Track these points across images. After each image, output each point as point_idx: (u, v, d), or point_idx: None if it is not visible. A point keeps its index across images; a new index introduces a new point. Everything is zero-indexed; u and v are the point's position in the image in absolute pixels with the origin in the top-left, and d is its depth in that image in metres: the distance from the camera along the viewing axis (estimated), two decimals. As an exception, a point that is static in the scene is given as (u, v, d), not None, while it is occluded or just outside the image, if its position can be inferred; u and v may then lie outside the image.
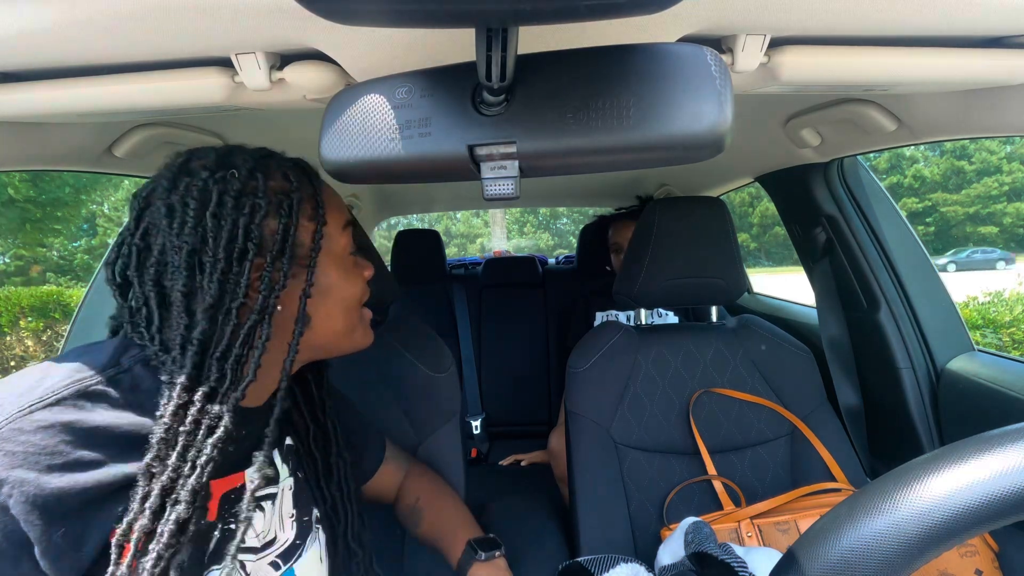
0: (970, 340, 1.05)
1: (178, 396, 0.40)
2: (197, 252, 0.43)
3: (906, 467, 0.27)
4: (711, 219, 0.97)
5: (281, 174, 0.48)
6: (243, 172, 0.45)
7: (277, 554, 0.52)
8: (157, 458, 0.39)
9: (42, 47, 0.47)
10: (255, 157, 0.47)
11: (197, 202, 0.43)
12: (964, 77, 0.59)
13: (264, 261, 0.45)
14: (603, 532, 0.88)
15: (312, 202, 0.50)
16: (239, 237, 0.44)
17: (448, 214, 14.80)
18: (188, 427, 0.40)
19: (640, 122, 0.33)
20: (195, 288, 0.43)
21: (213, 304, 0.42)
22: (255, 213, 0.45)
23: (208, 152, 0.47)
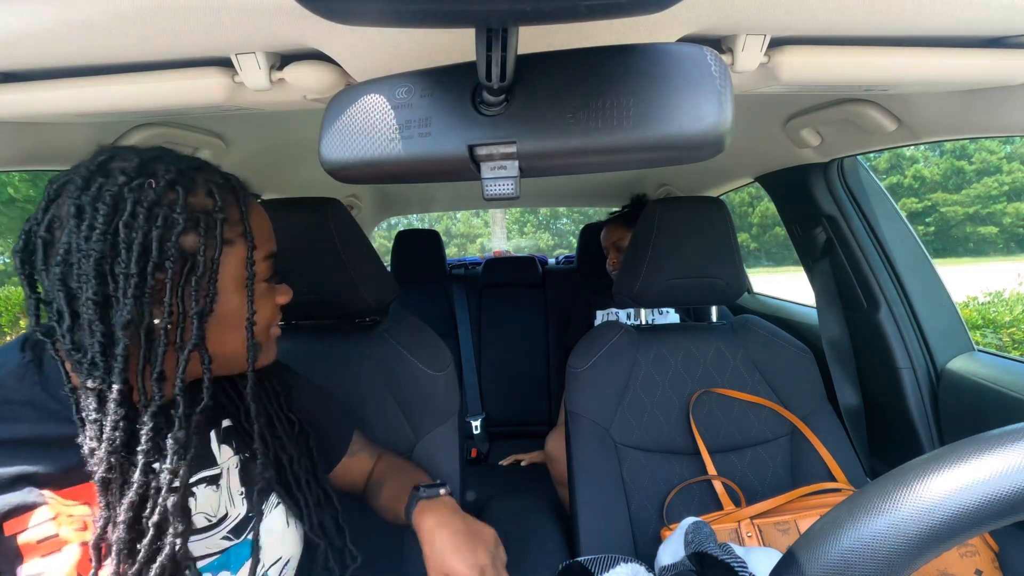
0: (970, 340, 1.05)
1: (114, 412, 0.41)
2: (108, 260, 0.42)
3: (906, 467, 0.27)
4: (711, 219, 0.97)
5: (207, 191, 0.47)
6: (162, 182, 0.44)
7: (228, 529, 0.54)
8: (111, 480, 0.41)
9: (42, 47, 0.47)
10: (179, 168, 0.46)
11: (108, 208, 0.42)
12: (964, 77, 0.59)
13: (179, 280, 0.44)
14: (603, 532, 0.88)
15: (239, 227, 0.49)
16: (153, 251, 0.42)
17: (448, 214, 14.80)
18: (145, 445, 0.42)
19: (640, 122, 0.33)
20: (108, 297, 0.42)
21: (132, 321, 0.42)
22: (171, 228, 0.43)
23: (132, 155, 0.45)
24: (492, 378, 1.96)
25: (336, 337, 0.92)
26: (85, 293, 0.41)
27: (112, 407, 0.41)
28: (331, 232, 0.84)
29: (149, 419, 0.43)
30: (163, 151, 0.47)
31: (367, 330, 0.92)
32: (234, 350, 0.51)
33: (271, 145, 1.09)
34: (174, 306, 0.44)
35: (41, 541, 0.41)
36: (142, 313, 0.43)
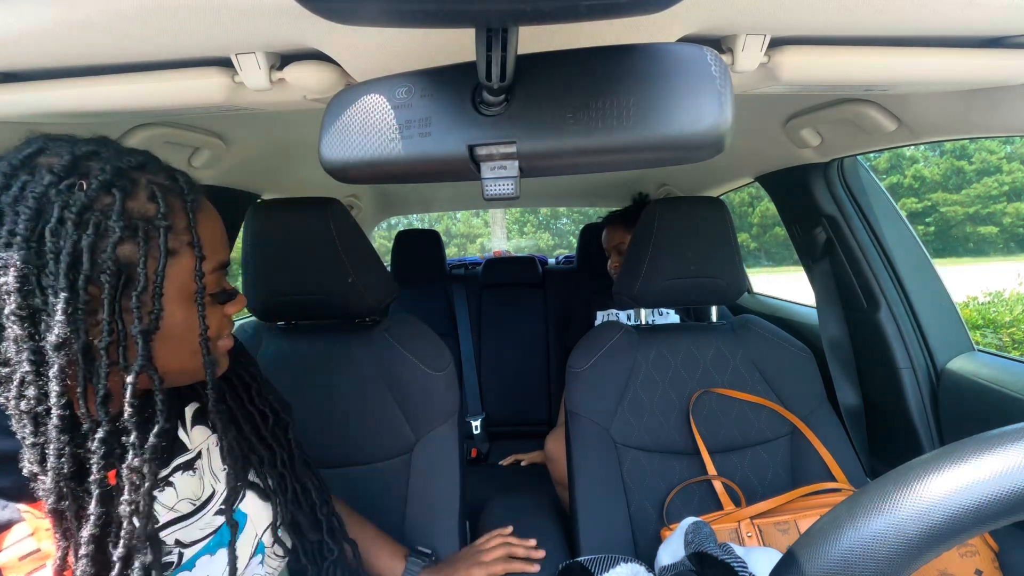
0: (970, 340, 1.05)
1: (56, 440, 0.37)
2: (33, 271, 0.37)
3: (906, 467, 0.27)
4: (711, 219, 0.97)
5: (149, 194, 0.42)
6: (94, 184, 0.39)
7: (220, 503, 0.53)
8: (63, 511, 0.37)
9: (42, 47, 0.47)
10: (117, 167, 0.41)
11: (32, 212, 0.37)
12: (964, 77, 0.59)
13: (116, 295, 0.40)
14: (603, 532, 0.88)
15: (185, 235, 0.44)
16: (84, 263, 0.38)
17: (448, 214, 14.80)
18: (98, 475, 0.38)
19: (640, 122, 0.33)
20: (35, 312, 0.38)
21: (65, 340, 0.37)
22: (104, 237, 0.39)
23: (63, 149, 0.40)
24: (492, 378, 1.95)
25: (336, 337, 0.92)
26: (8, 307, 0.37)
27: (53, 434, 0.37)
28: (331, 232, 0.84)
29: (98, 446, 0.38)
30: (102, 144, 0.42)
31: (367, 330, 0.92)
32: (183, 365, 0.46)
33: (271, 145, 1.09)
34: (113, 324, 0.39)
35: (23, 558, 0.38)
36: (76, 331, 0.38)
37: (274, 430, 0.60)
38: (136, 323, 0.40)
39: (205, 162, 0.99)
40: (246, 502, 0.56)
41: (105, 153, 0.42)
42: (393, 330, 0.91)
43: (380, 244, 6.60)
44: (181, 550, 0.49)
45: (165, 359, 0.44)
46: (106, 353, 0.39)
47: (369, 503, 0.86)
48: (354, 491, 0.86)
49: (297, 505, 0.60)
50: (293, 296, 0.87)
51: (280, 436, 0.61)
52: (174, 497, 0.49)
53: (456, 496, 0.86)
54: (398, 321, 0.93)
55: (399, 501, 0.86)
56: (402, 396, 0.88)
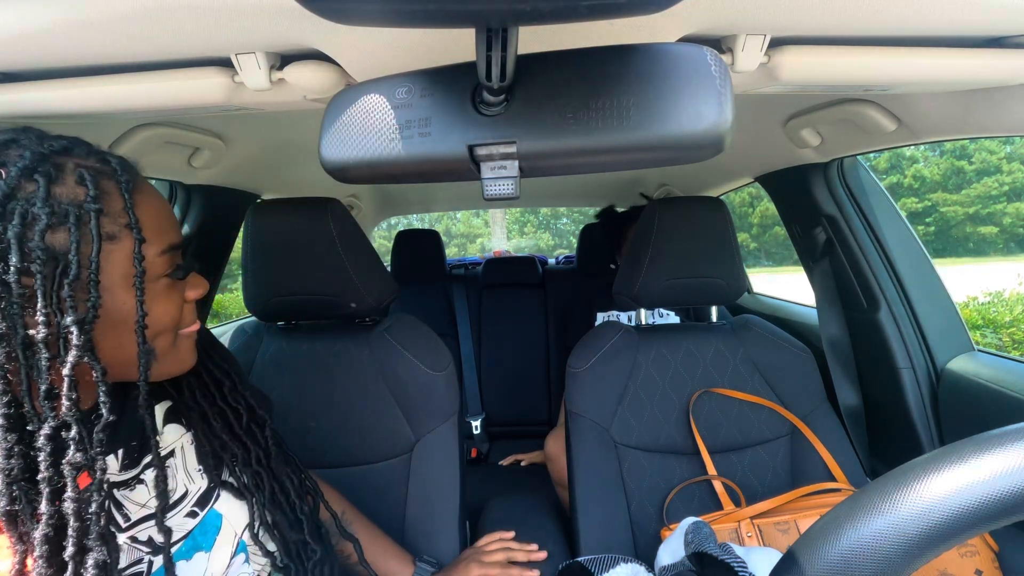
0: (970, 340, 1.05)
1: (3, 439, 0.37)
2: None
3: (906, 467, 0.27)
4: (711, 219, 0.97)
5: (76, 178, 0.40)
6: (13, 171, 0.38)
7: (191, 505, 0.52)
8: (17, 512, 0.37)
9: (42, 47, 0.47)
10: (39, 152, 0.39)
11: None
12: (964, 77, 0.59)
13: (52, 285, 0.38)
14: (603, 532, 0.88)
15: (123, 218, 0.42)
16: (12, 253, 0.37)
17: (448, 214, 14.80)
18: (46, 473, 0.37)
19: (640, 122, 0.33)
20: None
21: (4, 335, 0.37)
22: (32, 225, 0.37)
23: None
24: (492, 378, 1.96)
25: (336, 337, 0.92)
26: None
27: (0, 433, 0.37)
28: (331, 232, 0.84)
29: (45, 443, 0.37)
30: (21, 132, 0.41)
31: (367, 330, 0.92)
32: (132, 358, 0.44)
33: (271, 145, 1.09)
34: (50, 315, 0.38)
35: None
36: (14, 325, 0.37)
37: (249, 427, 0.58)
38: (71, 312, 0.39)
39: (205, 162, 0.99)
40: (220, 502, 0.54)
41: (24, 140, 0.40)
42: (393, 330, 0.91)
43: (380, 244, 6.61)
44: (151, 558, 0.47)
45: (114, 350, 0.43)
46: (45, 346, 0.38)
47: (369, 503, 0.86)
48: (354, 491, 0.86)
49: (275, 504, 0.58)
50: (293, 296, 0.87)
51: (256, 433, 0.59)
52: (146, 494, 0.49)
53: (456, 496, 0.86)
54: (398, 321, 0.94)
55: (399, 501, 0.86)
56: (402, 396, 0.88)
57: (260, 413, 0.60)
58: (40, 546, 0.37)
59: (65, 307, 0.39)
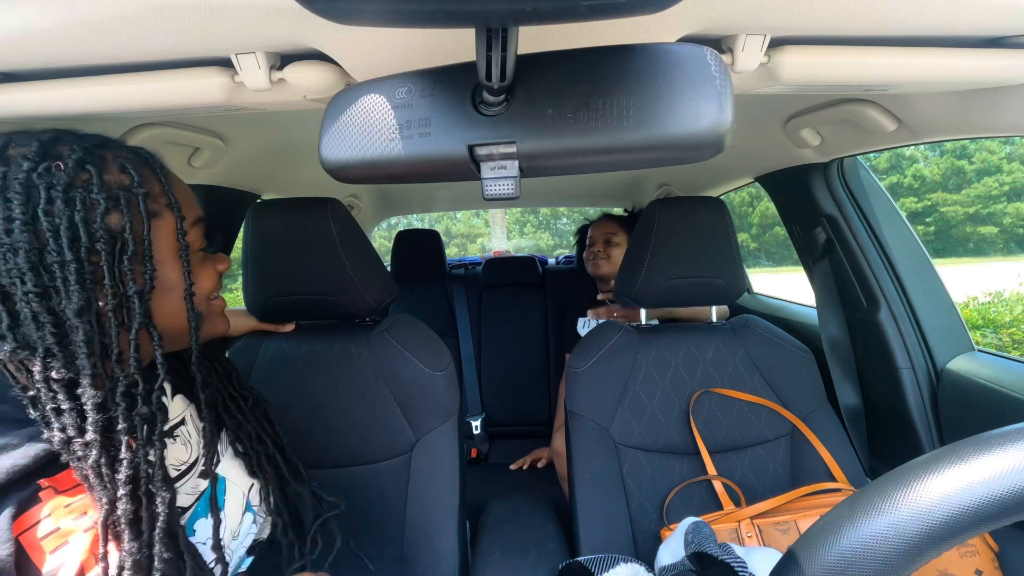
0: (970, 340, 1.05)
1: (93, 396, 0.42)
2: (36, 251, 0.41)
3: (906, 467, 0.27)
4: (711, 219, 0.97)
5: (118, 166, 0.46)
6: (70, 164, 0.42)
7: (201, 468, 0.57)
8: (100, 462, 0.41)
9: (43, 47, 0.47)
10: (84, 147, 0.45)
11: (22, 196, 0.41)
12: (964, 77, 0.59)
13: (115, 260, 0.44)
14: (603, 532, 0.88)
15: (164, 198, 0.48)
16: (82, 235, 0.42)
17: (448, 214, 14.80)
18: (124, 423, 0.43)
19: (640, 122, 0.33)
20: (47, 289, 0.41)
21: (84, 307, 0.42)
22: (92, 209, 0.43)
23: (30, 139, 0.43)
24: (492, 378, 1.95)
25: (336, 337, 0.92)
26: (23, 287, 0.41)
27: (90, 392, 0.42)
28: (331, 232, 0.84)
29: (121, 398, 0.43)
30: (61, 132, 0.46)
31: (367, 330, 0.92)
32: (182, 323, 0.51)
33: (271, 145, 1.09)
34: (115, 287, 0.44)
35: (44, 537, 0.40)
36: (89, 299, 0.42)
37: (251, 413, 0.64)
38: (132, 284, 0.45)
39: (205, 162, 0.99)
40: (223, 465, 0.59)
41: (66, 138, 0.45)
42: (393, 330, 0.91)
43: (380, 244, 6.60)
44: None
45: (166, 318, 0.49)
46: (113, 315, 0.44)
47: (369, 503, 0.86)
48: (354, 491, 0.86)
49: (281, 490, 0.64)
50: (293, 296, 0.87)
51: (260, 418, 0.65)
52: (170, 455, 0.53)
53: (456, 496, 0.86)
54: (398, 321, 0.93)
55: (399, 501, 0.86)
56: (402, 396, 0.88)
57: (262, 402, 0.66)
58: (124, 486, 0.42)
59: (127, 280, 0.44)
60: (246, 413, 0.63)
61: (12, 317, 0.41)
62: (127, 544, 0.41)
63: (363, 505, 0.86)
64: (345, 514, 0.85)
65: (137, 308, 0.45)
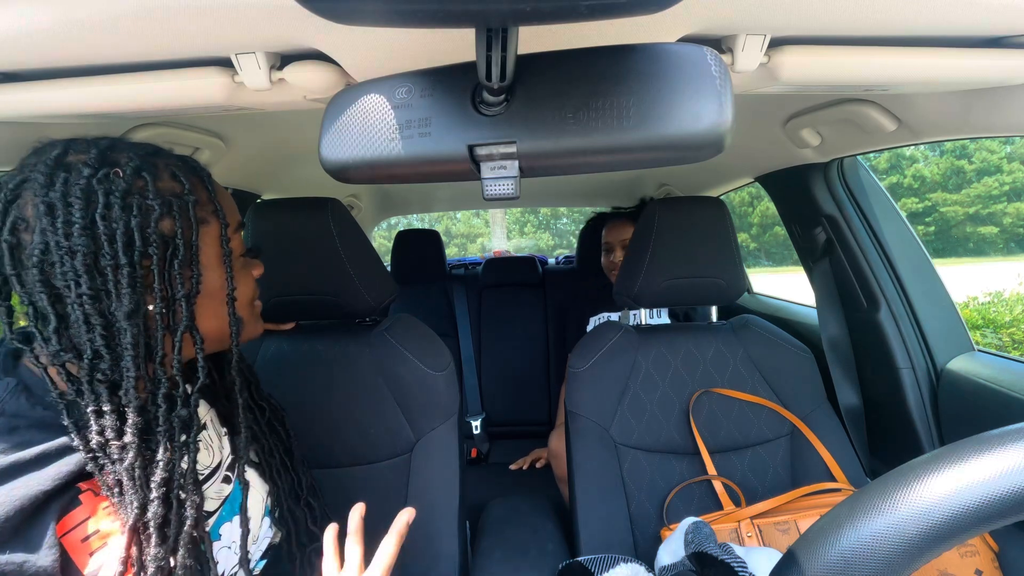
0: (970, 340, 1.05)
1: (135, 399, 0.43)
2: (91, 255, 0.42)
3: (906, 467, 0.27)
4: (711, 219, 0.97)
5: (170, 174, 0.48)
6: (128, 171, 0.44)
7: (225, 469, 0.58)
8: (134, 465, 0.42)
9: (42, 47, 0.47)
10: (140, 155, 0.46)
11: (82, 201, 0.42)
12: (964, 77, 0.59)
13: (165, 264, 0.45)
14: (603, 532, 0.88)
15: (210, 206, 0.50)
16: (137, 240, 0.43)
17: (448, 214, 14.81)
18: (164, 425, 0.44)
19: (640, 122, 0.33)
20: (98, 292, 0.42)
21: (135, 309, 0.43)
22: (148, 215, 0.44)
23: (87, 146, 0.45)
24: (492, 378, 1.95)
25: (336, 337, 0.92)
26: (77, 290, 0.41)
27: (132, 394, 0.42)
28: (331, 232, 0.84)
29: (162, 400, 0.44)
30: (116, 140, 0.47)
31: (367, 330, 0.92)
32: (223, 326, 0.52)
33: (271, 145, 1.09)
34: (164, 291, 0.45)
35: (85, 540, 0.41)
36: (138, 302, 0.44)
37: (271, 423, 0.65)
38: (180, 288, 0.46)
39: (205, 162, 0.98)
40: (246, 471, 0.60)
41: (120, 146, 0.46)
42: (393, 330, 0.91)
43: (380, 244, 6.61)
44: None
45: (208, 322, 0.50)
46: (160, 318, 0.45)
47: (369, 503, 0.86)
48: (354, 491, 0.86)
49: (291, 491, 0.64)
50: (293, 296, 0.87)
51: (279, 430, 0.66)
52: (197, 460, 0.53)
53: (456, 496, 0.86)
54: (398, 321, 0.93)
55: (399, 501, 0.86)
56: (402, 396, 0.88)
57: (279, 411, 0.67)
58: (158, 488, 0.42)
59: (176, 284, 0.46)
60: (262, 425, 0.64)
61: (61, 319, 0.42)
62: (153, 549, 0.42)
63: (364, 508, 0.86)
64: (345, 514, 0.85)
65: (184, 311, 0.46)
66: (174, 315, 0.46)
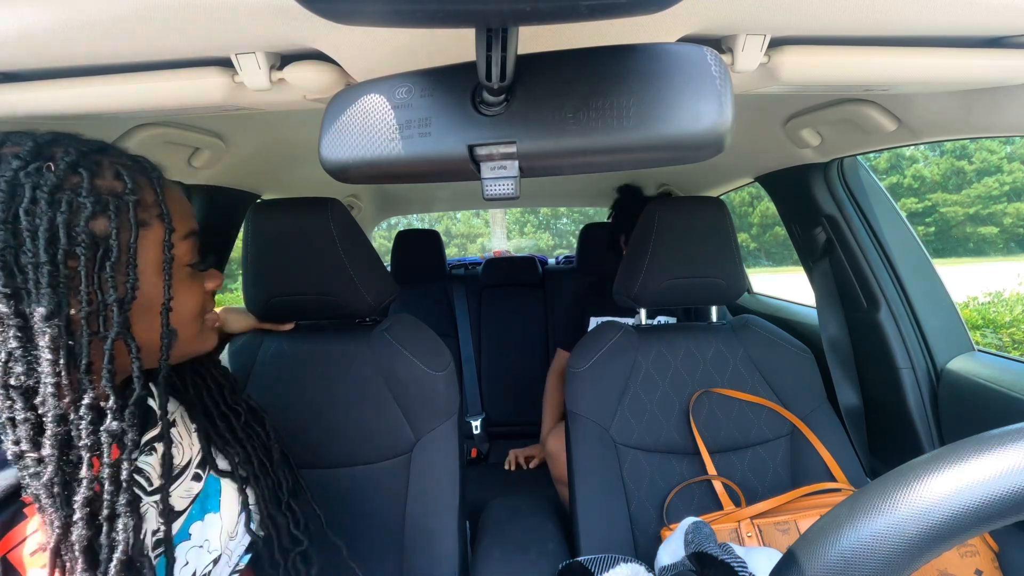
0: (970, 340, 1.05)
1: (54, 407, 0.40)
2: (11, 251, 0.40)
3: (906, 467, 0.27)
4: (711, 219, 0.97)
5: (114, 172, 0.45)
6: (61, 166, 0.42)
7: (195, 467, 0.56)
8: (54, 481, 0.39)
9: (42, 47, 0.47)
10: (81, 150, 0.44)
11: (5, 195, 0.40)
12: (964, 77, 0.59)
13: (94, 267, 0.42)
14: (603, 532, 0.88)
15: (156, 208, 0.47)
16: (61, 238, 0.40)
17: (448, 214, 14.81)
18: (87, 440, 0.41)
19: (640, 122, 0.33)
20: (17, 291, 0.40)
21: (52, 312, 0.40)
22: (78, 212, 0.41)
23: (26, 138, 0.43)
24: (492, 378, 1.95)
25: (336, 337, 0.92)
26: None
27: (51, 402, 0.40)
28: (331, 232, 0.84)
29: (86, 411, 0.41)
30: (61, 135, 0.45)
31: (367, 330, 0.92)
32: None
33: (271, 145, 1.09)
34: (92, 294, 0.42)
35: (33, 554, 0.40)
36: (60, 303, 0.41)
37: (248, 425, 0.63)
38: (112, 292, 0.43)
39: (205, 162, 0.99)
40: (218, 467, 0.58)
41: (64, 140, 0.44)
42: (393, 330, 0.91)
43: (380, 244, 6.61)
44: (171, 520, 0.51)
45: (147, 332, 0.47)
46: (86, 323, 0.42)
47: (369, 503, 0.86)
48: (354, 491, 0.86)
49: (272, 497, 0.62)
50: (293, 296, 0.87)
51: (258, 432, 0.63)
52: (155, 466, 0.51)
53: (456, 496, 0.86)
54: (398, 321, 0.93)
55: (399, 501, 0.86)
56: (402, 396, 0.88)
57: (260, 413, 0.64)
58: (82, 508, 0.40)
59: (107, 287, 0.43)
60: (236, 430, 0.61)
61: None
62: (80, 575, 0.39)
63: (363, 505, 0.86)
64: (345, 514, 0.85)
65: (115, 317, 0.43)
66: (105, 321, 0.43)
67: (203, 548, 0.53)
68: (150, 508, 0.49)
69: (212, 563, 0.53)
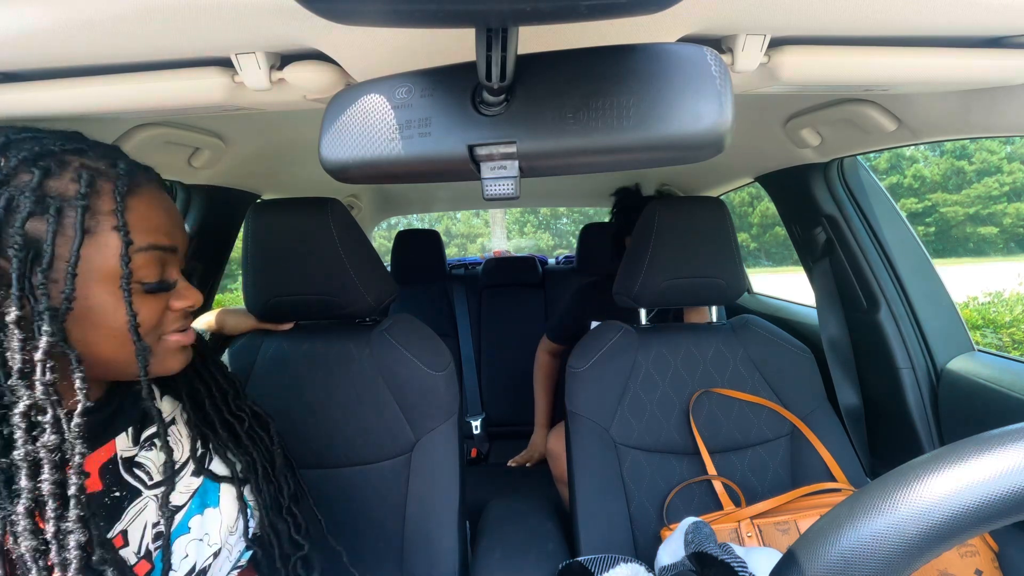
0: (970, 340, 1.05)
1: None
2: None
3: (906, 467, 0.27)
4: (711, 219, 0.97)
5: (74, 175, 0.42)
6: (13, 161, 0.40)
7: (194, 465, 0.56)
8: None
9: (43, 47, 0.47)
10: (46, 148, 0.42)
11: None
12: (964, 77, 0.59)
13: (26, 270, 0.40)
14: (603, 532, 0.88)
15: (111, 219, 0.44)
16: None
17: (448, 214, 14.82)
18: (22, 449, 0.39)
19: (640, 122, 0.33)
20: None
21: None
22: (14, 212, 0.40)
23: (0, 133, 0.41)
24: (492, 378, 1.96)
25: (336, 337, 0.92)
26: None
27: None
28: (331, 232, 0.84)
29: (20, 420, 0.39)
30: (37, 131, 0.44)
31: (367, 330, 0.92)
32: (110, 354, 0.45)
33: (271, 145, 1.09)
34: (24, 299, 0.40)
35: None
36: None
37: (252, 431, 0.61)
38: (43, 300, 0.40)
39: (205, 162, 0.99)
40: (214, 464, 0.58)
41: (40, 136, 0.43)
42: (393, 330, 0.91)
43: (380, 244, 6.61)
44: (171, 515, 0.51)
45: (90, 345, 0.44)
46: (17, 327, 0.39)
47: (369, 503, 0.86)
48: (354, 491, 0.86)
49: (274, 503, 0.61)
50: (293, 296, 0.87)
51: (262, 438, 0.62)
52: (155, 464, 0.52)
53: (456, 496, 0.86)
54: (398, 321, 0.93)
55: (399, 501, 0.86)
56: (402, 396, 0.88)
57: (265, 418, 0.63)
58: (25, 519, 0.38)
59: (38, 294, 0.40)
60: (240, 437, 0.60)
61: None
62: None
63: (363, 505, 0.86)
64: (345, 514, 0.85)
65: (46, 326, 0.40)
66: (39, 329, 0.40)
67: (203, 542, 0.53)
68: (150, 502, 0.49)
69: (212, 556, 0.53)
